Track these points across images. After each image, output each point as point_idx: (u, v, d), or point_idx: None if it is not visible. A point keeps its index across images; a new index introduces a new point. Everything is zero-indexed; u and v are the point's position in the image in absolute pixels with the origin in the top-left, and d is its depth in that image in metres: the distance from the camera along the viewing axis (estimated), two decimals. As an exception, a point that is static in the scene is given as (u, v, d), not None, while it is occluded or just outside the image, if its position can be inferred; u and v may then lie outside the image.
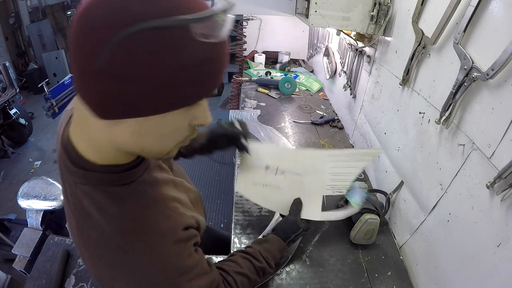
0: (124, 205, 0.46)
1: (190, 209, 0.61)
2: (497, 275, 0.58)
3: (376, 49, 1.22)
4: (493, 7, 0.60)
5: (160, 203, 0.51)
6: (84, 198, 0.45)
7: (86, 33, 0.33)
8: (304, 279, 0.87)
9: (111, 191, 0.46)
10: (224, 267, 0.65)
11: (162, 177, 0.57)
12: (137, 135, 0.40)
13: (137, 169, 0.49)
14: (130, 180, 0.48)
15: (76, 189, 0.46)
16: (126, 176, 0.47)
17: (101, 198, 0.45)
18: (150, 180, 0.52)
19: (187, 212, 0.57)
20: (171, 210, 0.53)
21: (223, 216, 2.32)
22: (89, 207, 0.45)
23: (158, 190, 0.53)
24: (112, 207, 0.45)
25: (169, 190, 0.56)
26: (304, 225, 0.81)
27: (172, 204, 0.54)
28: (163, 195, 0.53)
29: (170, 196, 0.55)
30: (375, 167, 1.22)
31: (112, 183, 0.46)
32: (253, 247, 0.74)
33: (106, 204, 0.45)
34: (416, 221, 0.89)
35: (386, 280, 0.88)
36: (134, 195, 0.48)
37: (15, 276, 1.62)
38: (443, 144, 0.78)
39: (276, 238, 0.79)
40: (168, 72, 0.34)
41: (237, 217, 1.05)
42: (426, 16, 0.85)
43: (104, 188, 0.46)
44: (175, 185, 0.60)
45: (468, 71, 0.65)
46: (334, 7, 1.11)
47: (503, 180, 0.55)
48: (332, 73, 1.82)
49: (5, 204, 2.38)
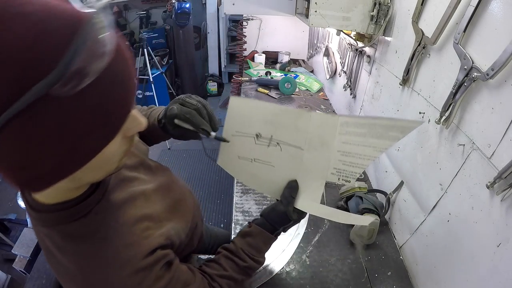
0: (80, 242, 0.46)
1: (165, 219, 0.59)
2: (497, 275, 0.58)
3: (376, 49, 1.22)
4: (493, 7, 0.60)
5: (120, 231, 0.49)
6: (45, 239, 0.46)
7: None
8: (304, 279, 0.87)
9: (66, 230, 0.45)
10: (208, 270, 0.63)
11: (128, 193, 0.54)
12: (77, 179, 0.39)
13: (91, 198, 0.47)
14: (85, 211, 0.46)
15: (37, 230, 0.47)
16: (79, 209, 0.46)
17: (58, 239, 0.45)
18: (109, 205, 0.50)
19: (157, 230, 0.54)
20: (134, 235, 0.50)
21: (223, 216, 2.32)
22: (51, 246, 0.46)
23: (120, 214, 0.51)
24: (69, 247, 0.45)
25: (136, 207, 0.54)
26: (296, 216, 0.66)
27: (136, 227, 0.51)
28: (125, 219, 0.51)
29: (136, 217, 0.52)
30: (375, 167, 1.22)
31: (67, 221, 0.45)
32: (236, 244, 0.68)
33: (63, 244, 0.45)
34: (416, 221, 0.89)
35: (386, 280, 0.88)
36: (90, 229, 0.47)
37: (15, 276, 1.62)
38: (443, 144, 0.78)
39: (259, 231, 0.68)
40: (68, 138, 0.32)
41: (237, 217, 1.05)
42: (426, 16, 0.85)
43: (59, 228, 0.45)
44: (146, 197, 0.58)
45: (468, 71, 0.65)
46: (334, 7, 1.11)
47: (503, 180, 0.55)
48: (332, 73, 1.82)
49: (5, 204, 2.38)
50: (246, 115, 0.68)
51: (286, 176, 0.68)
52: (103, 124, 0.34)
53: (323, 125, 0.65)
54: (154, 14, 3.90)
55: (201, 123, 0.63)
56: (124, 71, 0.36)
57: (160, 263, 0.51)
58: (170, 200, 0.65)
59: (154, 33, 3.63)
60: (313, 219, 1.06)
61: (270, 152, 0.68)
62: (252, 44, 2.47)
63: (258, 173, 0.70)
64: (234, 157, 0.71)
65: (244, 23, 2.26)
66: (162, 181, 0.66)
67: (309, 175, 0.67)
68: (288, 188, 0.66)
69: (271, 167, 0.69)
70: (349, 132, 0.62)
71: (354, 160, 0.62)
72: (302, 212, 0.67)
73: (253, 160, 0.70)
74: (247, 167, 0.70)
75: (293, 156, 0.67)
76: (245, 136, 0.69)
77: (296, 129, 0.66)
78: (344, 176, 0.66)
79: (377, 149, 0.60)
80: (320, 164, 0.66)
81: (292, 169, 0.68)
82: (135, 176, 0.60)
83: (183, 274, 0.56)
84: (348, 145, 0.63)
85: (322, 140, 0.65)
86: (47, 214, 0.44)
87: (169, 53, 3.73)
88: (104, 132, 0.35)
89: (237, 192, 1.17)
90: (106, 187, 0.51)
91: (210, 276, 0.62)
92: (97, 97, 0.33)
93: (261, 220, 0.70)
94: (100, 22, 0.30)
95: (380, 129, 0.59)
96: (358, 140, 0.62)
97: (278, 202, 0.68)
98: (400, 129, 0.56)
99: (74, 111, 0.31)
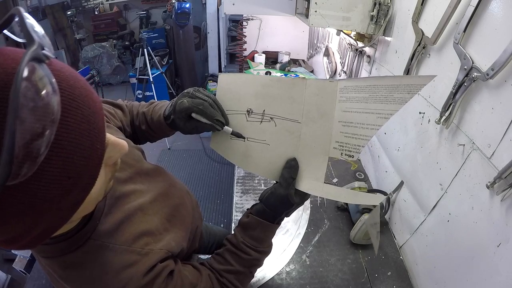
0: (81, 270, 0.47)
1: (165, 231, 0.58)
2: (497, 275, 0.58)
3: (376, 49, 1.22)
4: (493, 7, 0.60)
5: (121, 250, 0.49)
6: (48, 268, 0.48)
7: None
8: (304, 279, 0.87)
9: (66, 260, 0.46)
10: (216, 266, 0.63)
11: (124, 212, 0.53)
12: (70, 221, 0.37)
13: (88, 227, 0.47)
14: (83, 240, 0.46)
15: (39, 260, 0.49)
16: (77, 239, 0.46)
17: (59, 269, 0.47)
18: (107, 228, 0.50)
19: (156, 244, 0.54)
20: (134, 253, 0.50)
21: (223, 216, 2.32)
22: (54, 275, 0.48)
23: (118, 235, 0.51)
24: (71, 275, 0.47)
25: (134, 224, 0.54)
26: (299, 199, 0.60)
27: (135, 244, 0.51)
28: (124, 239, 0.51)
29: (134, 234, 0.52)
30: (375, 167, 1.22)
31: (66, 251, 0.46)
32: (237, 237, 0.65)
33: (65, 273, 0.47)
34: (416, 221, 0.89)
35: (386, 280, 0.88)
36: (90, 255, 0.47)
37: (15, 276, 1.61)
38: (443, 144, 0.78)
39: (258, 222, 0.63)
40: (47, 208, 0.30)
41: (237, 217, 1.05)
42: (426, 16, 0.85)
43: (60, 259, 0.46)
44: (143, 211, 0.57)
45: (468, 71, 0.65)
46: (334, 7, 1.11)
47: (503, 180, 0.55)
48: (332, 73, 1.82)
49: (5, 204, 2.38)
50: (235, 91, 0.62)
51: (284, 154, 0.62)
52: (76, 183, 0.32)
53: (321, 93, 0.58)
54: (154, 14, 3.91)
55: (215, 114, 0.60)
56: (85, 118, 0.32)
57: (161, 276, 0.51)
58: (169, 208, 0.63)
59: (154, 33, 3.64)
60: (313, 219, 1.06)
61: (263, 128, 0.62)
62: (252, 44, 2.48)
63: (252, 153, 0.64)
64: (226, 138, 0.65)
65: (244, 23, 2.26)
66: (160, 188, 0.65)
67: (310, 151, 0.60)
68: (287, 168, 0.60)
69: (266, 145, 0.63)
70: (349, 98, 0.55)
71: (357, 131, 0.55)
72: (304, 194, 0.61)
73: (246, 139, 0.64)
74: (240, 147, 0.64)
75: (289, 131, 0.61)
76: (236, 113, 0.63)
77: (290, 100, 0.60)
78: (347, 151, 0.58)
79: (382, 115, 0.53)
80: (320, 137, 0.59)
81: (289, 146, 0.61)
82: (132, 189, 0.58)
83: (187, 277, 0.56)
84: (349, 114, 0.56)
85: (321, 111, 0.58)
86: (47, 246, 0.45)
87: (169, 53, 3.74)
88: (80, 186, 0.33)
89: (237, 192, 1.17)
90: (102, 211, 0.51)
91: (218, 272, 0.63)
92: (60, 164, 0.29)
93: (259, 207, 0.64)
94: (35, 75, 0.24)
95: (384, 91, 0.52)
96: (359, 107, 0.54)
97: (277, 184, 0.61)
98: (407, 88, 0.49)
99: (39, 188, 0.28)
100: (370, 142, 1.28)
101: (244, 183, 1.22)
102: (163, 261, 0.54)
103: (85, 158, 0.32)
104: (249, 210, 0.67)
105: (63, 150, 0.29)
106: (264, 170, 0.65)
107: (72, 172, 0.31)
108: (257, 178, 1.24)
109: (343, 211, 1.09)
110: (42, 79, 0.25)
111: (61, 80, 0.30)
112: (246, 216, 0.66)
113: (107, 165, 0.40)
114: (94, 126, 0.33)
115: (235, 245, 0.64)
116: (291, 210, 0.63)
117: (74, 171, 0.31)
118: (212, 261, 0.65)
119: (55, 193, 0.30)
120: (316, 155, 0.60)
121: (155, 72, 3.31)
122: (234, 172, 1.30)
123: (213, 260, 0.65)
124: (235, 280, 0.63)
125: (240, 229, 0.66)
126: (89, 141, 0.32)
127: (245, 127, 0.63)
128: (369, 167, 1.29)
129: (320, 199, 1.15)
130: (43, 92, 0.25)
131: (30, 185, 0.27)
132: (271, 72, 2.17)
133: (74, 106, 0.30)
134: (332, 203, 1.13)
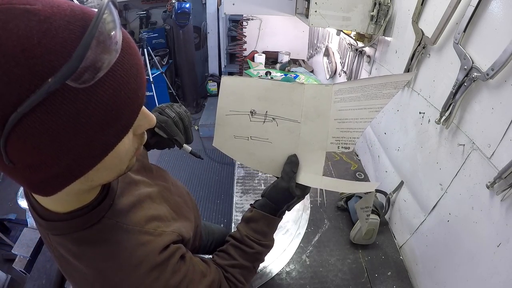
0: (96, 247, 0.46)
1: (173, 219, 0.60)
2: (497, 275, 0.58)
3: (376, 49, 1.22)
4: (493, 7, 0.60)
5: (134, 231, 0.50)
6: (59, 247, 0.47)
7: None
8: (304, 279, 0.87)
9: (81, 237, 0.46)
10: (220, 262, 0.64)
11: (135, 197, 0.55)
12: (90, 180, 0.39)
13: (103, 204, 0.48)
14: (99, 218, 0.47)
15: (50, 239, 0.48)
16: (92, 216, 0.46)
17: (73, 246, 0.46)
18: (121, 209, 0.51)
19: (167, 228, 0.56)
20: (147, 234, 0.51)
21: (223, 216, 2.32)
22: (66, 254, 0.47)
23: (131, 216, 0.52)
24: (86, 252, 0.46)
25: (145, 209, 0.55)
26: (300, 192, 0.64)
27: (148, 226, 0.53)
28: (137, 221, 0.52)
29: (146, 217, 0.54)
30: (375, 167, 1.22)
31: (81, 228, 0.46)
32: (241, 231, 0.67)
33: (79, 251, 0.46)
34: (416, 221, 0.89)
35: (386, 280, 0.88)
36: (105, 233, 0.47)
37: (15, 276, 1.61)
38: (443, 144, 0.78)
39: (262, 215, 0.66)
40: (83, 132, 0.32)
41: (237, 217, 1.05)
42: (426, 16, 0.85)
43: (74, 236, 0.45)
44: (152, 199, 0.59)
45: (468, 71, 0.65)
46: (334, 7, 1.11)
47: (503, 180, 0.56)
48: (332, 73, 1.82)
49: (5, 204, 2.38)
50: (239, 93, 0.67)
51: (285, 151, 0.67)
52: (117, 118, 0.34)
53: (318, 96, 0.65)
54: (154, 14, 3.90)
55: (175, 133, 0.66)
56: (135, 65, 0.36)
57: (175, 257, 0.52)
58: (172, 203, 0.65)
59: (154, 33, 3.63)
60: (313, 219, 1.06)
61: (266, 128, 0.68)
62: (252, 44, 2.48)
63: (256, 151, 0.69)
64: (229, 137, 0.69)
65: (244, 23, 2.26)
66: (163, 185, 0.67)
67: (308, 147, 0.67)
68: (288, 163, 0.65)
69: (269, 143, 0.68)
70: (343, 98, 0.63)
71: (351, 125, 0.63)
72: (305, 187, 0.65)
73: (249, 138, 0.69)
74: (244, 145, 0.69)
75: (290, 130, 0.67)
76: (239, 114, 0.68)
77: (290, 102, 0.66)
78: (343, 144, 0.65)
79: (373, 109, 0.60)
80: (318, 135, 0.66)
81: (290, 143, 0.67)
82: (140, 179, 0.60)
83: (197, 265, 0.57)
84: (344, 112, 0.63)
85: (318, 111, 0.65)
86: (62, 223, 0.45)
87: (169, 53, 3.73)
88: (118, 126, 0.35)
89: (237, 192, 1.17)
90: (115, 191, 0.52)
91: (222, 267, 0.63)
92: (111, 91, 0.33)
93: (262, 201, 0.68)
94: (109, 17, 0.30)
95: (373, 89, 0.60)
96: (353, 104, 0.62)
97: (279, 179, 0.66)
98: (393, 84, 0.57)
99: (88, 105, 0.31)
100: (370, 142, 1.28)
101: (244, 183, 1.22)
102: (175, 243, 0.55)
103: (129, 98, 0.35)
104: (252, 204, 0.70)
105: (115, 79, 0.33)
106: (266, 166, 0.70)
107: (116, 104, 0.33)
108: (257, 178, 1.24)
109: (343, 211, 1.09)
110: (114, 17, 0.31)
111: (123, 29, 0.34)
112: (249, 211, 0.69)
113: (135, 135, 0.42)
114: (140, 77, 0.37)
115: (238, 239, 0.66)
116: (292, 203, 0.66)
117: (118, 105, 0.34)
118: (215, 258, 0.66)
119: (96, 120, 0.32)
120: (314, 151, 0.66)
121: (155, 72, 3.31)
122: (234, 172, 1.30)
123: (217, 256, 0.66)
124: (239, 275, 0.63)
125: (244, 223, 0.69)
126: (135, 85, 0.36)
127: (249, 127, 0.68)
128: (369, 167, 1.29)
129: (320, 199, 1.15)
130: (113, 25, 0.30)
131: (79, 99, 0.30)
132: (271, 72, 2.17)
133: (129, 52, 0.35)
134: (332, 203, 1.13)
